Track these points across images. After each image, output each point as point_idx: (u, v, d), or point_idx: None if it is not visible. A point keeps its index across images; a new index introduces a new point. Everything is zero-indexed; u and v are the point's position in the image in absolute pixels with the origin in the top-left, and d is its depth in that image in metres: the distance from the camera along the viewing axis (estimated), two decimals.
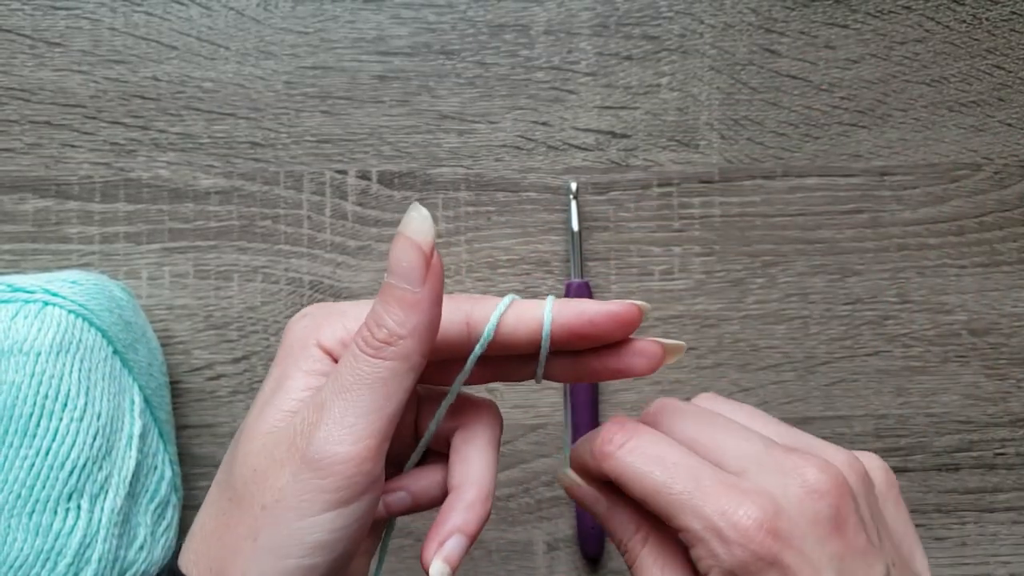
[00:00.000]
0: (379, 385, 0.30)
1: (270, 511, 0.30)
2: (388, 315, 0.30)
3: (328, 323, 0.33)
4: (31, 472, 0.41)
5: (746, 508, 0.31)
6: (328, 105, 0.52)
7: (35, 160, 0.51)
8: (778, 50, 0.53)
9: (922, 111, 0.53)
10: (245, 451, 0.31)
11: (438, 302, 0.31)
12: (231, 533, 0.31)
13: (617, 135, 0.52)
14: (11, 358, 0.41)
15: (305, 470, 0.30)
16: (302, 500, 0.30)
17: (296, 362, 0.33)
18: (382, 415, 0.30)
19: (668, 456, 0.32)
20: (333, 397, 0.30)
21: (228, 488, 0.32)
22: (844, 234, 0.53)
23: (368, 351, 0.30)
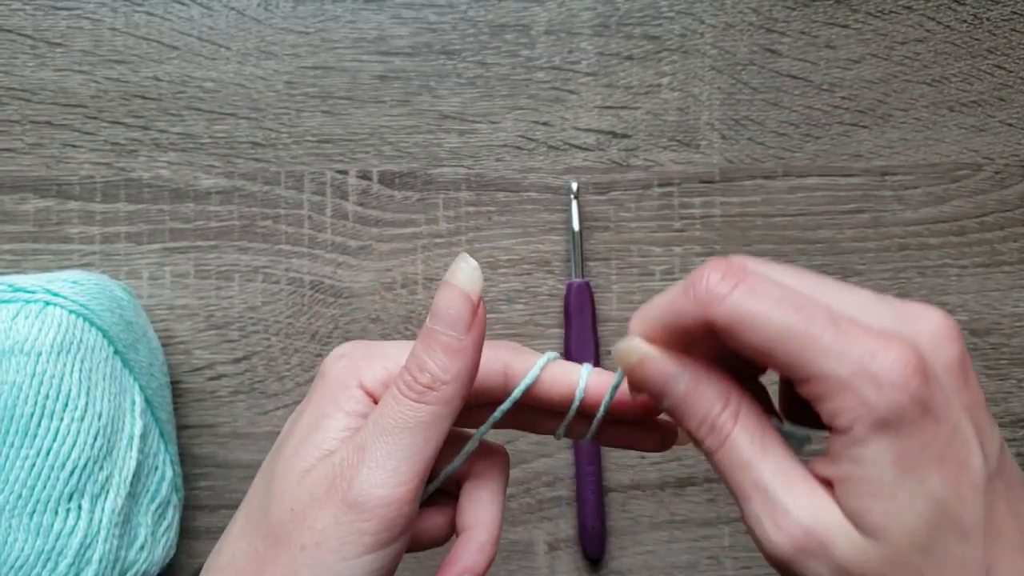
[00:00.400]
0: (420, 429, 0.30)
1: (310, 553, 0.30)
2: (432, 360, 0.31)
3: (368, 364, 0.33)
4: (32, 472, 0.41)
5: (897, 350, 0.27)
6: (329, 105, 0.52)
7: (36, 160, 0.51)
8: (779, 50, 0.53)
9: (923, 111, 0.53)
10: (281, 489, 0.31)
11: (480, 350, 0.31)
12: (267, 573, 0.31)
13: (618, 135, 0.52)
14: (12, 358, 0.41)
15: (347, 512, 0.30)
16: (344, 542, 0.30)
17: (337, 402, 0.33)
18: (422, 458, 0.30)
19: (797, 296, 0.28)
20: (375, 440, 0.30)
21: (262, 526, 0.31)
22: (845, 234, 0.53)
23: (410, 395, 0.31)
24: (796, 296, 0.28)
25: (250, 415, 0.51)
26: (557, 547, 0.52)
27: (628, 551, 0.52)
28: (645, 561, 0.52)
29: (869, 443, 0.27)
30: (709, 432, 0.30)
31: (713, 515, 0.52)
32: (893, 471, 0.27)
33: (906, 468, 0.27)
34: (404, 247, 0.52)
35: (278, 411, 0.51)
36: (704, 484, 0.52)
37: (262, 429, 0.51)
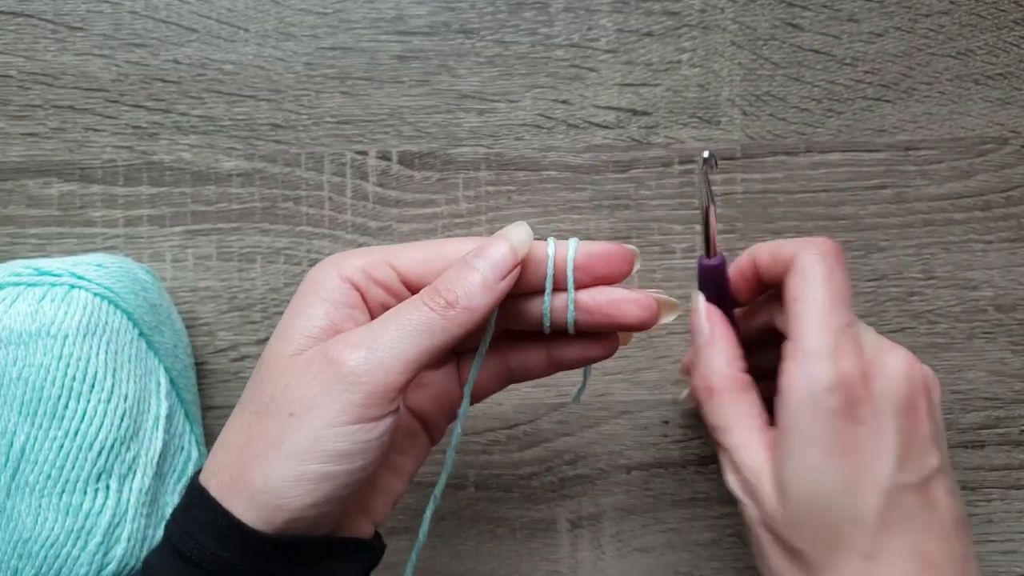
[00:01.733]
0: (427, 335, 0.33)
1: (298, 418, 0.32)
2: (461, 287, 0.34)
3: (347, 258, 0.36)
4: (61, 453, 0.41)
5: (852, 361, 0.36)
6: (348, 86, 0.52)
7: (59, 144, 0.51)
8: (801, 24, 0.52)
9: (947, 84, 0.53)
10: (272, 372, 0.34)
11: (500, 299, 0.35)
12: (254, 441, 0.33)
13: (638, 112, 0.52)
14: (39, 341, 0.41)
15: (339, 383, 0.32)
16: (332, 409, 0.32)
17: (316, 291, 0.35)
18: (422, 356, 0.33)
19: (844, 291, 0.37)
20: (384, 327, 0.33)
21: (253, 405, 0.34)
22: (868, 210, 0.52)
23: (431, 304, 0.33)
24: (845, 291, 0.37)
25: None
26: (579, 525, 0.52)
27: (650, 529, 0.52)
28: (668, 539, 0.52)
29: (796, 414, 0.36)
30: (704, 391, 0.39)
31: None
32: (806, 441, 0.35)
33: (818, 447, 0.35)
34: (424, 227, 0.52)
35: None
36: None
37: None
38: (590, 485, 0.52)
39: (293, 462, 0.32)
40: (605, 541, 0.52)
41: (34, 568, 0.41)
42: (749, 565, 0.52)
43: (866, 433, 0.35)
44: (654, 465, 0.52)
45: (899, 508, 0.35)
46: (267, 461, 0.32)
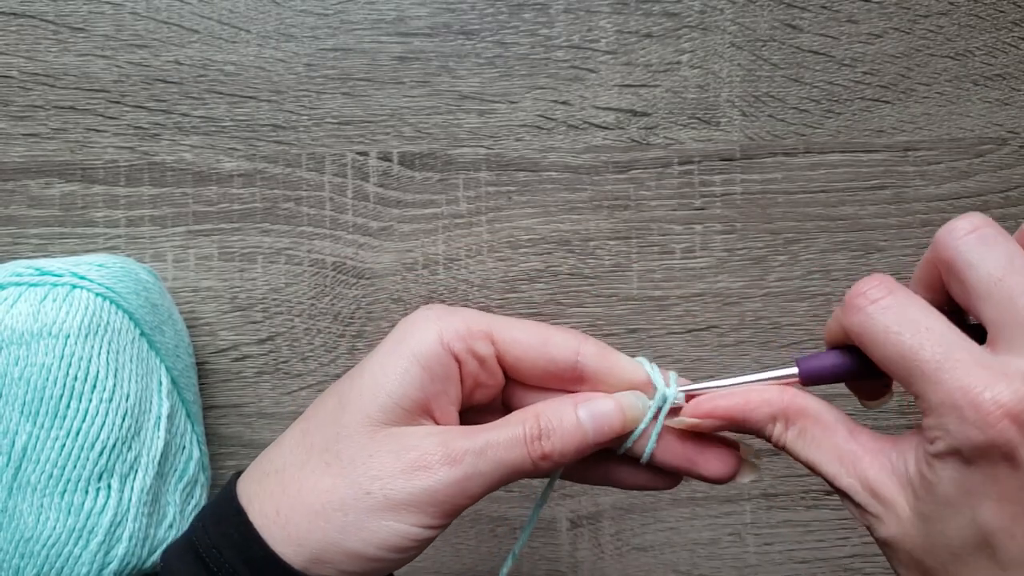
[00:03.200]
0: (512, 473, 0.34)
1: (375, 499, 0.33)
2: (561, 443, 0.34)
3: (449, 320, 0.35)
4: (62, 452, 0.41)
5: (995, 391, 0.29)
6: (349, 87, 0.52)
7: (60, 145, 0.51)
8: (800, 25, 0.53)
9: (946, 85, 0.53)
10: (356, 433, 0.34)
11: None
12: (318, 493, 0.33)
13: (637, 113, 0.52)
14: (40, 341, 0.42)
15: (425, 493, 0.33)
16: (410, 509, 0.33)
17: (416, 355, 0.34)
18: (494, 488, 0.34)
19: (923, 320, 0.31)
20: (484, 455, 0.33)
21: (324, 449, 0.34)
22: (867, 210, 0.53)
23: (530, 449, 0.34)
24: (927, 320, 0.31)
25: (275, 395, 0.52)
26: (579, 524, 0.52)
27: (650, 528, 0.52)
28: (667, 538, 0.52)
29: (942, 459, 0.30)
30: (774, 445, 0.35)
31: (735, 492, 0.52)
32: (953, 489, 0.30)
33: (965, 492, 0.30)
34: (425, 228, 0.52)
35: (302, 391, 0.52)
36: None
37: (287, 409, 0.52)
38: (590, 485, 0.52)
39: (354, 538, 0.33)
40: (605, 540, 0.52)
41: (36, 567, 0.41)
42: (748, 563, 0.52)
43: (1021, 476, 0.29)
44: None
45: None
46: (327, 523, 0.33)
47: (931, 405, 0.30)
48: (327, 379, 0.52)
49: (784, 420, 0.34)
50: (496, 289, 0.52)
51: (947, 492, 0.30)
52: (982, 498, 0.30)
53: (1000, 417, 0.29)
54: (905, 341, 0.31)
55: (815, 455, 0.34)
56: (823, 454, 0.34)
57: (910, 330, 0.31)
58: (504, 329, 0.36)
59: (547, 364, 0.35)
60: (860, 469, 0.33)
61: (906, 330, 0.31)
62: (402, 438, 0.34)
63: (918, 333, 0.31)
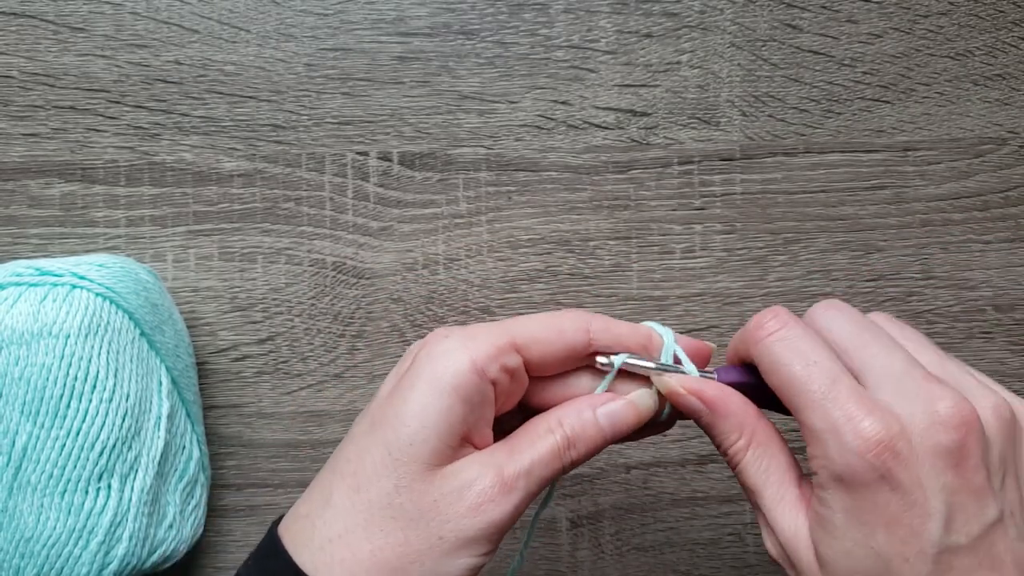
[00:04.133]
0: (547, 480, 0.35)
1: (448, 542, 0.34)
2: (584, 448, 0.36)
3: (477, 343, 0.35)
4: (62, 452, 0.41)
5: (871, 421, 0.32)
6: (349, 87, 0.52)
7: (60, 145, 0.51)
8: (800, 25, 0.53)
9: (946, 85, 0.53)
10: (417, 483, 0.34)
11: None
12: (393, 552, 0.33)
13: (637, 113, 0.52)
14: (41, 341, 0.42)
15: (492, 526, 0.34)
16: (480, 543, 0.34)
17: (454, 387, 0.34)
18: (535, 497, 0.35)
19: (811, 354, 0.34)
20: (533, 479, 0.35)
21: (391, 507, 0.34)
22: (867, 210, 0.53)
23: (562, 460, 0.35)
24: (815, 354, 0.34)
25: (275, 395, 0.52)
26: (579, 524, 0.52)
27: (649, 528, 0.52)
28: (667, 538, 0.52)
29: (827, 489, 0.33)
30: (728, 456, 0.36)
31: (735, 492, 0.52)
32: (843, 518, 0.32)
33: (855, 519, 0.32)
34: (425, 228, 0.52)
35: (302, 391, 0.52)
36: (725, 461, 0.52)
37: (286, 409, 0.52)
38: (589, 484, 0.52)
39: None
40: (605, 540, 0.52)
41: (36, 567, 0.41)
42: (748, 563, 0.52)
43: (905, 499, 0.32)
44: (653, 464, 0.52)
45: (951, 572, 0.32)
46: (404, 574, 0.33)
47: (814, 432, 0.33)
48: (327, 379, 0.52)
49: (749, 438, 0.36)
50: (496, 289, 0.52)
51: (840, 523, 0.32)
52: (873, 525, 0.32)
53: (876, 443, 0.32)
54: (796, 372, 0.34)
55: (763, 484, 0.36)
56: (771, 486, 0.36)
57: (801, 362, 0.34)
58: (523, 332, 0.36)
59: (567, 353, 0.36)
60: (793, 515, 0.35)
61: (797, 361, 0.34)
62: (458, 477, 0.34)
63: (808, 365, 0.34)
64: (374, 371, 0.52)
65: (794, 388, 0.34)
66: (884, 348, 0.34)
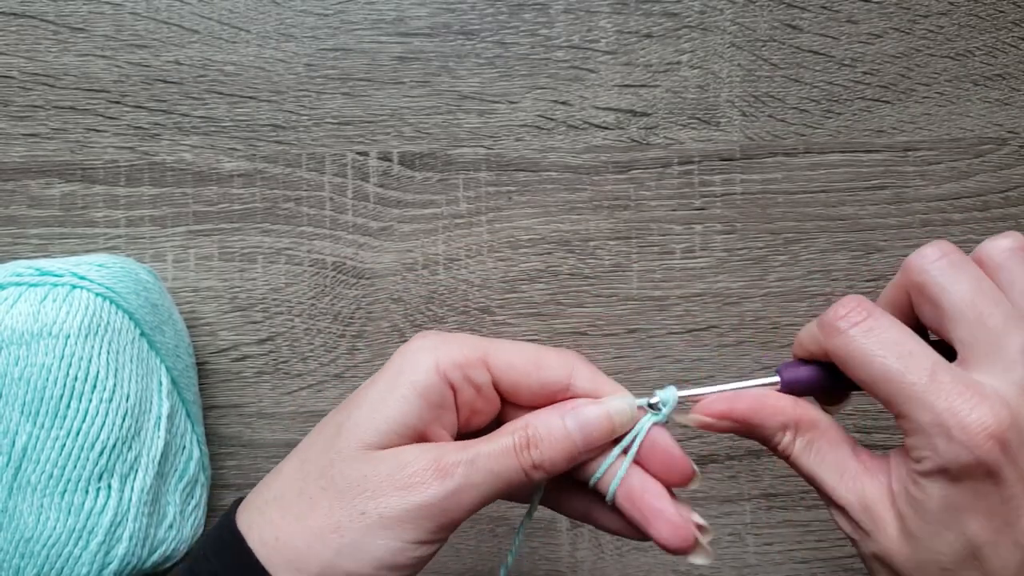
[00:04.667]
0: (505, 483, 0.34)
1: (370, 518, 0.33)
2: (551, 451, 0.34)
3: (446, 348, 0.35)
4: (62, 453, 0.41)
5: (980, 412, 0.31)
6: (349, 87, 0.52)
7: (61, 145, 0.51)
8: (800, 25, 0.53)
9: (946, 85, 0.53)
10: (351, 457, 0.34)
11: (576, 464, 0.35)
12: (315, 518, 0.34)
13: (637, 113, 0.52)
14: (41, 341, 0.42)
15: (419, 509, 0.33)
16: (404, 528, 0.33)
17: (413, 383, 0.35)
18: (489, 500, 0.34)
19: (906, 344, 0.32)
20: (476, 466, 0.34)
21: (322, 475, 0.34)
22: (867, 210, 0.53)
23: (521, 460, 0.34)
24: (909, 343, 0.32)
25: (275, 395, 0.52)
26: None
27: None
28: None
29: (929, 478, 0.31)
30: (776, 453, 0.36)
31: (735, 492, 0.52)
32: (939, 504, 0.31)
33: (952, 509, 0.31)
34: (425, 228, 0.52)
35: (302, 391, 0.52)
36: (725, 461, 0.52)
37: (286, 409, 0.52)
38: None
39: (350, 559, 0.33)
40: (605, 540, 0.52)
41: (36, 567, 0.41)
42: (748, 563, 0.52)
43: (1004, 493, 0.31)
44: None
45: None
46: (324, 545, 0.33)
47: (918, 425, 0.31)
48: (327, 379, 0.52)
49: (794, 430, 0.35)
50: (496, 289, 0.52)
51: (936, 509, 0.31)
52: (970, 513, 0.31)
53: (986, 438, 0.30)
54: (891, 364, 0.32)
55: (819, 468, 0.35)
56: (826, 468, 0.35)
57: (894, 353, 0.32)
58: (499, 354, 0.36)
59: (540, 388, 0.36)
60: (859, 486, 0.34)
61: (890, 353, 0.32)
62: (396, 457, 0.34)
63: (902, 356, 0.32)
64: (374, 371, 0.51)
65: (892, 382, 0.32)
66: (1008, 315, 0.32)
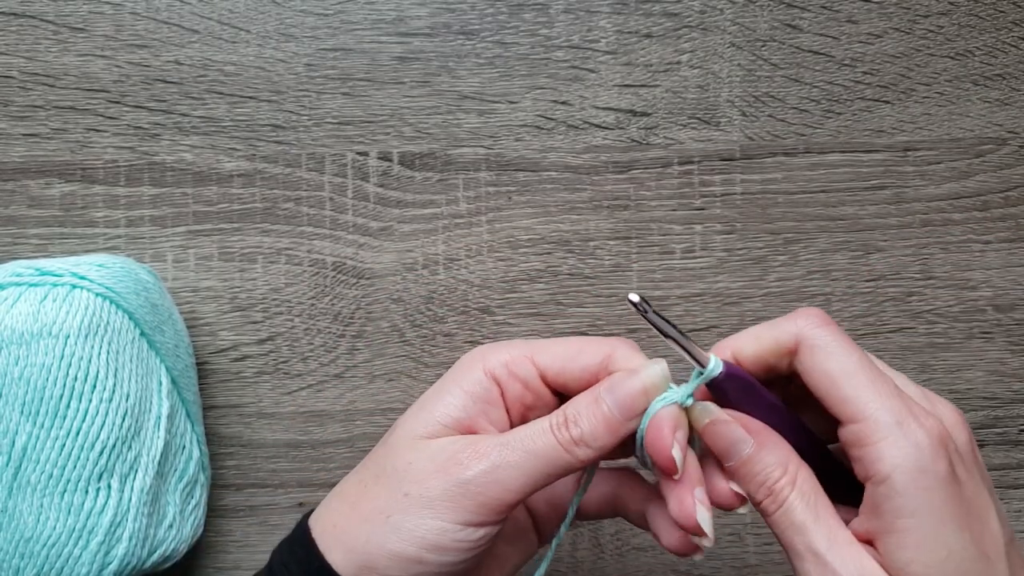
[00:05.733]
0: (547, 463, 0.34)
1: (412, 500, 0.34)
2: (589, 425, 0.34)
3: (494, 351, 0.37)
4: (62, 452, 0.41)
5: (933, 420, 0.32)
6: (349, 87, 0.52)
7: (60, 145, 0.51)
8: (800, 25, 0.53)
9: (946, 85, 0.53)
10: (400, 445, 0.36)
11: (625, 438, 0.35)
12: (365, 502, 0.35)
13: (637, 113, 0.52)
14: (40, 341, 0.42)
15: (458, 486, 0.34)
16: (444, 506, 0.33)
17: (458, 381, 0.36)
18: (539, 482, 0.34)
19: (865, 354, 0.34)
20: (512, 448, 0.34)
21: (374, 467, 0.36)
22: (867, 210, 0.53)
23: (557, 436, 0.34)
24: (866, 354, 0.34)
25: (275, 395, 0.52)
26: (579, 524, 0.52)
27: None
28: None
29: (908, 493, 0.31)
30: (767, 495, 0.33)
31: None
32: (930, 523, 0.30)
33: (941, 522, 0.30)
34: (425, 228, 0.52)
35: (302, 391, 0.52)
36: None
37: (286, 409, 0.52)
38: None
39: (394, 538, 0.34)
40: (604, 540, 0.52)
41: (36, 567, 0.41)
42: (748, 564, 0.52)
43: (970, 493, 0.31)
44: None
45: (1013, 568, 0.32)
46: (372, 526, 0.34)
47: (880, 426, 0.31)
48: (327, 379, 0.52)
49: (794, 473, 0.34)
50: (496, 289, 0.52)
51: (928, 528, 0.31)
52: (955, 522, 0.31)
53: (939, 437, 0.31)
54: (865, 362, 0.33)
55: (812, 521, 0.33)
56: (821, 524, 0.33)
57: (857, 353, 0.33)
58: (542, 349, 0.37)
59: (582, 373, 0.36)
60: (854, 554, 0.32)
61: (855, 352, 0.33)
62: (439, 445, 0.35)
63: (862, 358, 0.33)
64: (374, 371, 0.52)
65: (863, 378, 0.32)
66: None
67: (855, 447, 0.32)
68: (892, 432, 0.31)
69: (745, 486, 0.34)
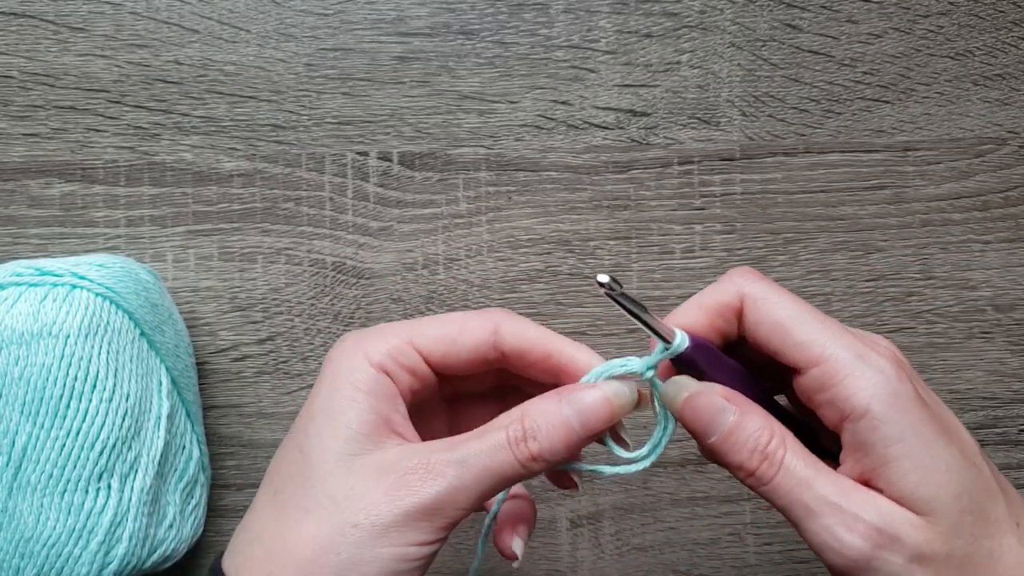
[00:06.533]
0: (505, 478, 0.33)
1: (364, 529, 0.31)
2: (549, 440, 0.33)
3: (371, 341, 0.35)
4: (62, 452, 0.41)
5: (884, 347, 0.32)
6: (349, 87, 0.52)
7: (60, 145, 0.51)
8: (800, 25, 0.53)
9: (946, 85, 0.53)
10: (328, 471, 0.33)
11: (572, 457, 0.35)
12: (303, 543, 0.32)
13: (637, 113, 0.52)
14: (40, 341, 0.42)
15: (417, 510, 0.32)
16: (399, 530, 0.31)
17: (352, 383, 0.34)
18: (487, 496, 0.33)
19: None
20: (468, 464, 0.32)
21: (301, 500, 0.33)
22: (867, 210, 0.53)
23: (516, 452, 0.32)
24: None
25: (275, 395, 0.52)
26: (579, 524, 0.52)
27: (649, 528, 0.52)
28: (667, 538, 0.52)
29: (890, 419, 0.30)
30: (762, 460, 0.32)
31: (735, 491, 0.52)
32: (920, 443, 0.30)
33: (930, 440, 0.30)
34: (425, 228, 0.52)
35: (302, 391, 0.52)
36: None
37: (286, 409, 0.52)
38: (589, 484, 0.52)
39: (354, 574, 0.31)
40: (605, 540, 0.52)
41: (36, 567, 0.41)
42: (748, 563, 0.52)
43: (938, 410, 0.32)
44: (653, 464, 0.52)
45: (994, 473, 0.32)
46: (321, 568, 0.31)
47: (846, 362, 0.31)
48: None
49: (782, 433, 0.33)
50: (496, 289, 0.52)
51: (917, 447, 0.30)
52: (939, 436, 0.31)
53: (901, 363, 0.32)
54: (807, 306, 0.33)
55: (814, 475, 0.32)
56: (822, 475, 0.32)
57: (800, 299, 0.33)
58: (420, 332, 0.35)
59: (468, 355, 0.35)
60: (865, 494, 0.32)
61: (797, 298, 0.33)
62: (378, 463, 0.33)
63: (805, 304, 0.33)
64: None
65: (811, 322, 0.32)
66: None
67: (820, 391, 0.32)
68: (857, 366, 0.31)
69: (734, 457, 0.32)
